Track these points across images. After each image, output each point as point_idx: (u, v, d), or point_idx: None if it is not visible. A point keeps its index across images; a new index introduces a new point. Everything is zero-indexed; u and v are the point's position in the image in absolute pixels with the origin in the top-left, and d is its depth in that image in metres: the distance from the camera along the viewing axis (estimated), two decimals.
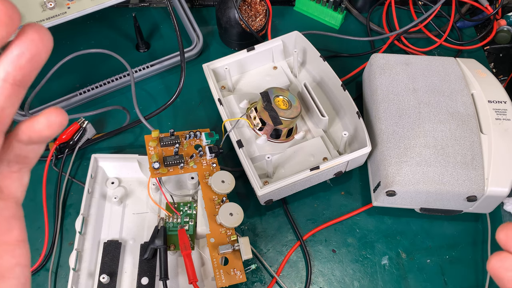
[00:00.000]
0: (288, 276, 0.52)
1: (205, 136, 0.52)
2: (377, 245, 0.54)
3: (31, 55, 0.19)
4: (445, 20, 0.73)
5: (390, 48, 0.70)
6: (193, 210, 0.52)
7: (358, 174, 0.59)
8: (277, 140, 0.55)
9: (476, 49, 0.70)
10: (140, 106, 0.63)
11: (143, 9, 0.74)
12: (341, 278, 0.52)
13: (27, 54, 0.19)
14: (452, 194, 0.49)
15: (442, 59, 0.58)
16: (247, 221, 0.55)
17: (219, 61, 0.60)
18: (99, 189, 0.54)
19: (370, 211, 0.56)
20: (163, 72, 0.67)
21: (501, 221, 0.55)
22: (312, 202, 0.56)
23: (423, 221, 0.55)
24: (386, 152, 0.52)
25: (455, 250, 0.53)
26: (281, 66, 0.63)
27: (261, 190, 0.49)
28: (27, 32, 0.19)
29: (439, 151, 0.50)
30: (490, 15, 0.69)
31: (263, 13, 0.67)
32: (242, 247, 0.46)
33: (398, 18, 0.73)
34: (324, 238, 0.54)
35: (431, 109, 0.53)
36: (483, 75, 0.57)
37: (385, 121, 0.54)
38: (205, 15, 0.73)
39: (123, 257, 0.51)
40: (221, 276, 0.45)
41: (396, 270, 0.52)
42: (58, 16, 0.56)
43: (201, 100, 0.65)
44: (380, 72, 0.57)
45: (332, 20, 0.72)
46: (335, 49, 0.70)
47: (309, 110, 0.58)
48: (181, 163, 0.50)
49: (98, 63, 0.67)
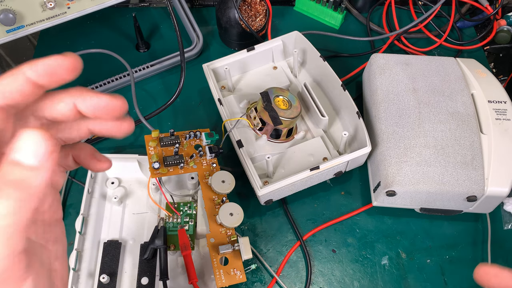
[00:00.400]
0: (288, 276, 0.52)
1: (205, 136, 0.52)
2: (377, 245, 0.54)
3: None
4: (445, 20, 0.73)
5: (390, 48, 0.70)
6: (193, 210, 0.52)
7: (358, 174, 0.59)
8: (277, 140, 0.55)
9: (476, 49, 0.70)
10: (140, 106, 0.63)
11: (143, 9, 0.74)
12: (341, 278, 0.52)
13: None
14: (452, 194, 0.49)
15: (442, 59, 0.58)
16: (247, 221, 0.55)
17: (219, 61, 0.60)
18: (99, 189, 0.54)
19: (370, 211, 0.56)
20: (163, 72, 0.67)
21: (501, 221, 0.55)
22: (312, 202, 0.56)
23: (423, 221, 0.55)
24: (386, 152, 0.52)
25: (455, 250, 0.53)
26: (281, 66, 0.63)
27: (261, 190, 0.49)
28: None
29: (439, 151, 0.50)
30: (490, 15, 0.69)
31: (263, 13, 0.67)
32: (242, 247, 0.46)
33: (398, 18, 0.73)
34: (324, 238, 0.54)
35: (431, 109, 0.53)
36: (483, 75, 0.57)
37: (385, 121, 0.54)
38: (205, 15, 0.73)
39: (123, 257, 0.51)
40: (221, 276, 0.45)
41: (396, 270, 0.52)
42: (58, 16, 0.56)
43: (201, 100, 0.65)
44: (380, 72, 0.57)
45: (332, 20, 0.72)
46: (335, 49, 0.70)
47: (309, 110, 0.58)
48: (181, 163, 0.50)
49: (98, 63, 0.67)
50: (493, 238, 0.53)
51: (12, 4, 0.52)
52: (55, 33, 0.71)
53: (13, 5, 0.52)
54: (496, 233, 0.54)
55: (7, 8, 0.52)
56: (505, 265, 0.52)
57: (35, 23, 0.55)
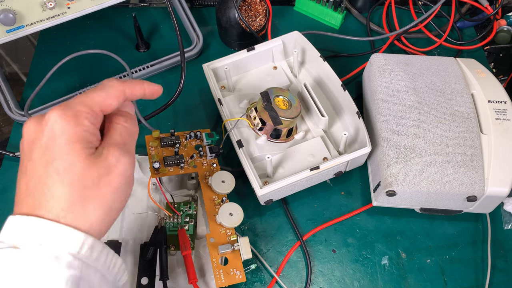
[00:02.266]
0: (288, 276, 0.52)
1: (206, 137, 0.52)
2: (377, 245, 0.54)
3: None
4: (445, 20, 0.73)
5: (390, 48, 0.70)
6: (193, 210, 0.52)
7: (358, 174, 0.59)
8: (277, 140, 0.55)
9: (476, 49, 0.70)
10: (140, 106, 0.63)
11: (143, 9, 0.74)
12: (341, 278, 0.52)
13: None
14: (452, 194, 0.49)
15: (442, 59, 0.58)
16: (247, 221, 0.55)
17: (219, 61, 0.60)
18: None
19: (370, 211, 0.56)
20: (163, 72, 0.67)
21: (501, 221, 0.55)
22: (312, 202, 0.56)
23: (423, 221, 0.55)
24: (386, 152, 0.52)
25: (455, 250, 0.53)
26: (281, 66, 0.63)
27: (261, 190, 0.49)
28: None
29: (439, 151, 0.50)
30: (490, 15, 0.69)
31: (263, 13, 0.67)
32: (242, 247, 0.46)
33: (398, 18, 0.73)
34: (324, 238, 0.54)
35: (431, 109, 0.53)
36: (483, 75, 0.57)
37: (385, 121, 0.54)
38: (205, 15, 0.73)
39: (123, 257, 0.50)
40: (220, 276, 0.45)
41: (396, 270, 0.52)
42: (58, 16, 0.56)
43: (201, 100, 0.65)
44: (380, 72, 0.57)
45: (332, 20, 0.72)
46: (335, 49, 0.70)
47: (309, 110, 0.58)
48: (182, 163, 0.50)
49: (98, 63, 0.67)
50: (493, 238, 0.53)
51: (12, 4, 0.52)
52: (55, 33, 0.71)
53: (13, 5, 0.52)
54: (496, 233, 0.54)
55: (7, 8, 0.52)
56: (505, 265, 0.52)
57: (35, 23, 0.55)
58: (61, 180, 0.30)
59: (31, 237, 0.29)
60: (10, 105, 0.61)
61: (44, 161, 0.30)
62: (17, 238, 0.29)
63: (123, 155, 0.33)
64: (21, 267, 0.28)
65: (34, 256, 0.28)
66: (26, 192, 0.30)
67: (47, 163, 0.30)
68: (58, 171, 0.30)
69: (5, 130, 0.63)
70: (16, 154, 0.58)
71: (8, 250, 0.28)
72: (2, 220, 0.30)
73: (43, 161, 0.30)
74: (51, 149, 0.30)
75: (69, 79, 0.66)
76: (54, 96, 0.62)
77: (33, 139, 0.31)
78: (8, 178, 0.57)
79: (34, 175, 0.30)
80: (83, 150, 0.31)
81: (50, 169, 0.30)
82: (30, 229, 0.29)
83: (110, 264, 0.32)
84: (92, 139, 0.32)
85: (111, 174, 0.32)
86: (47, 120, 0.31)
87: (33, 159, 0.31)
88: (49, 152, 0.30)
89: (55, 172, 0.30)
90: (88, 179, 0.31)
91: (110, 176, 0.32)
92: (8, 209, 0.53)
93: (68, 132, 0.30)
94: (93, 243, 0.30)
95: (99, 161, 0.31)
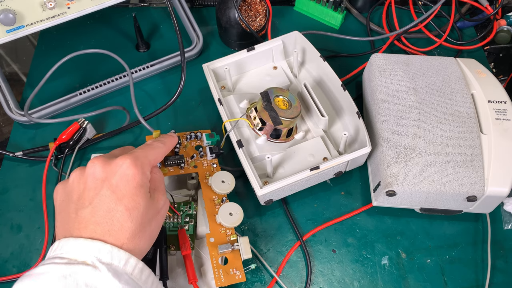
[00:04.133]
0: (288, 276, 0.52)
1: (206, 137, 0.52)
2: (377, 245, 0.54)
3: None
4: (445, 20, 0.73)
5: (390, 48, 0.70)
6: (193, 210, 0.52)
7: (358, 174, 0.59)
8: (277, 140, 0.55)
9: (476, 49, 0.70)
10: (140, 106, 0.63)
11: (143, 9, 0.74)
12: (341, 278, 0.52)
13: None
14: (452, 194, 0.49)
15: (442, 59, 0.58)
16: (247, 221, 0.55)
17: (219, 61, 0.60)
18: None
19: (370, 211, 0.56)
20: (163, 72, 0.67)
21: (501, 221, 0.55)
22: (312, 202, 0.56)
23: (423, 221, 0.55)
24: (386, 152, 0.52)
25: (455, 250, 0.53)
26: (281, 66, 0.63)
27: (261, 190, 0.49)
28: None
29: (439, 151, 0.50)
30: (490, 15, 0.69)
31: (263, 13, 0.67)
32: (242, 247, 0.46)
33: (398, 18, 0.73)
34: (324, 238, 0.54)
35: (431, 109, 0.53)
36: (483, 75, 0.57)
37: (385, 121, 0.54)
38: (205, 15, 0.73)
39: None
40: (220, 275, 0.45)
41: (396, 270, 0.52)
42: (58, 16, 0.56)
43: (201, 100, 0.65)
44: (380, 72, 0.57)
45: (332, 20, 0.72)
46: (335, 49, 0.70)
47: (309, 110, 0.58)
48: (182, 163, 0.50)
49: (98, 63, 0.67)
50: (493, 238, 0.53)
51: (12, 4, 0.52)
52: (55, 33, 0.71)
53: (13, 5, 0.52)
54: (496, 233, 0.54)
55: (7, 8, 0.52)
56: (505, 265, 0.53)
57: (35, 23, 0.55)
58: (129, 215, 0.36)
59: (103, 258, 0.34)
60: (10, 105, 0.61)
61: (115, 198, 0.36)
62: (88, 257, 0.34)
63: (166, 199, 0.41)
64: (98, 282, 0.33)
65: (106, 274, 0.34)
66: (91, 220, 0.36)
67: (118, 200, 0.36)
68: (128, 208, 0.36)
69: (5, 130, 0.63)
70: (16, 154, 0.58)
71: (82, 267, 0.33)
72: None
73: (114, 198, 0.36)
74: (122, 189, 0.37)
75: (69, 79, 0.66)
76: (54, 96, 0.62)
77: (102, 177, 0.37)
78: (8, 178, 0.57)
79: (103, 207, 0.36)
80: (145, 194, 0.38)
81: (120, 205, 0.36)
82: (102, 251, 0.34)
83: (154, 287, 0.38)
84: (148, 185, 0.39)
85: (159, 214, 0.40)
86: (120, 164, 0.37)
87: (102, 195, 0.37)
88: (120, 192, 0.37)
89: (125, 208, 0.36)
90: (146, 217, 0.38)
91: (158, 215, 0.40)
92: (8, 209, 0.53)
93: (137, 178, 0.38)
94: (142, 267, 0.36)
95: (152, 203, 0.39)
